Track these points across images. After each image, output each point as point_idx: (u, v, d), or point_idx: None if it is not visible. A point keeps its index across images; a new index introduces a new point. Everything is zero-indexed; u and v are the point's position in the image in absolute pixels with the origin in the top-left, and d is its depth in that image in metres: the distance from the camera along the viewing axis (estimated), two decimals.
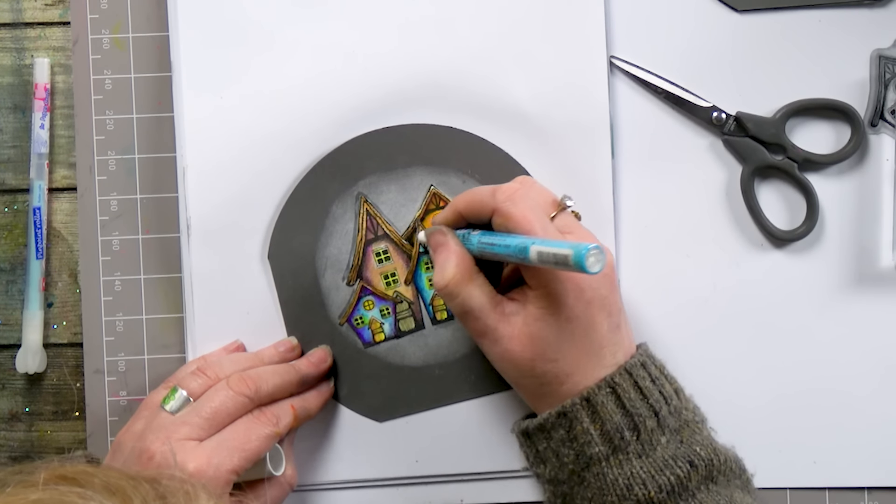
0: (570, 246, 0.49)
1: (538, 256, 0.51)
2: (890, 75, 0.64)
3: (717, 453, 0.56)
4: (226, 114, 0.64)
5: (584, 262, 0.49)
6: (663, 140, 0.65)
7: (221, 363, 0.60)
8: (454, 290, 0.57)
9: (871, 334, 0.64)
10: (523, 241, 0.53)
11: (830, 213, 0.65)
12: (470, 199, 0.58)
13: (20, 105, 0.67)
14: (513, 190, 0.57)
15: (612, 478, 0.55)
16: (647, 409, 0.55)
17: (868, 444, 0.64)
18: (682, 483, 0.54)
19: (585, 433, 0.55)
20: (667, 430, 0.56)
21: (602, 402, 0.55)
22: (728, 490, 0.56)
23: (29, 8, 0.67)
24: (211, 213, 0.64)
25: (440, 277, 0.57)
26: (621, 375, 0.56)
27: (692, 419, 0.57)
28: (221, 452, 0.54)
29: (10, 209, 0.67)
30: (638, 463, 0.55)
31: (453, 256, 0.57)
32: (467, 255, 0.58)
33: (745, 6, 0.64)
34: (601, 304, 0.55)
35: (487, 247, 0.56)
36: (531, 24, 0.64)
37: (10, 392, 0.67)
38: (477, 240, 0.57)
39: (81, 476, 0.40)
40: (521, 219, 0.55)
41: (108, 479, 0.40)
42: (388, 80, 0.64)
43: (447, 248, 0.58)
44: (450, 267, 0.57)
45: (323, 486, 0.65)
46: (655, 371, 0.57)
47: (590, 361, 0.56)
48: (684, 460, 0.55)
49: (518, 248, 0.53)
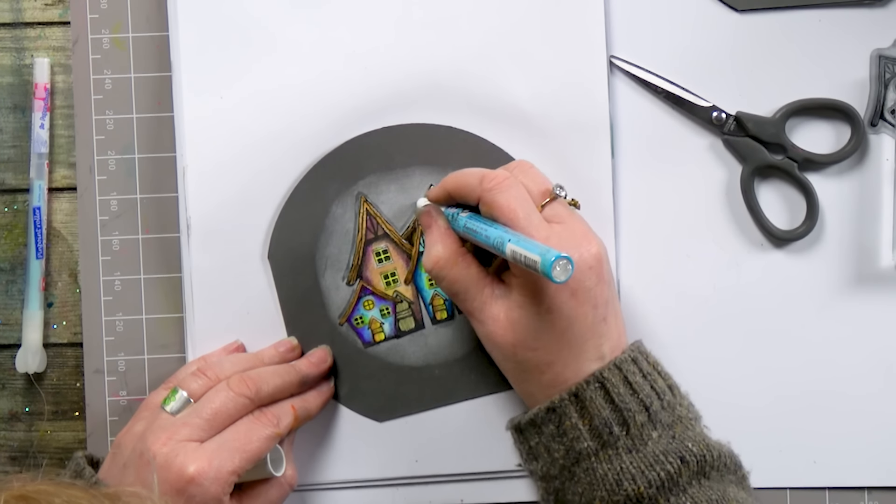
0: (540, 252, 0.50)
1: (512, 255, 0.53)
2: (890, 75, 0.64)
3: (710, 449, 0.56)
4: (226, 114, 0.64)
5: (549, 271, 0.50)
6: (663, 140, 0.65)
7: (222, 364, 0.60)
8: (440, 272, 0.58)
9: (870, 334, 0.64)
10: (501, 236, 0.54)
11: (830, 213, 0.65)
12: (458, 181, 0.59)
13: (20, 105, 0.67)
14: (501, 178, 0.56)
15: (602, 473, 0.55)
16: (636, 405, 0.55)
17: (868, 444, 0.64)
18: (672, 478, 0.54)
19: (574, 428, 0.55)
20: (658, 426, 0.56)
21: (590, 398, 0.55)
22: (721, 485, 0.56)
23: (29, 8, 0.67)
24: (211, 212, 0.64)
25: (427, 258, 0.59)
26: (610, 370, 0.56)
27: (685, 415, 0.57)
28: (222, 454, 0.54)
29: (10, 209, 0.67)
30: (628, 458, 0.55)
31: (439, 239, 0.59)
32: (454, 237, 0.59)
33: (745, 6, 0.64)
34: (586, 295, 0.55)
35: (471, 233, 0.57)
36: (531, 24, 0.64)
37: (10, 392, 0.67)
38: (464, 223, 0.58)
39: (43, 496, 0.40)
40: (505, 209, 0.55)
41: (71, 498, 0.40)
42: (388, 80, 0.64)
43: (434, 229, 0.59)
44: (437, 249, 0.58)
45: (323, 486, 0.65)
46: (647, 367, 0.57)
47: (571, 352, 0.56)
48: (675, 456, 0.55)
49: (496, 242, 0.54)
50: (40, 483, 0.42)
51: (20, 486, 0.41)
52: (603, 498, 0.55)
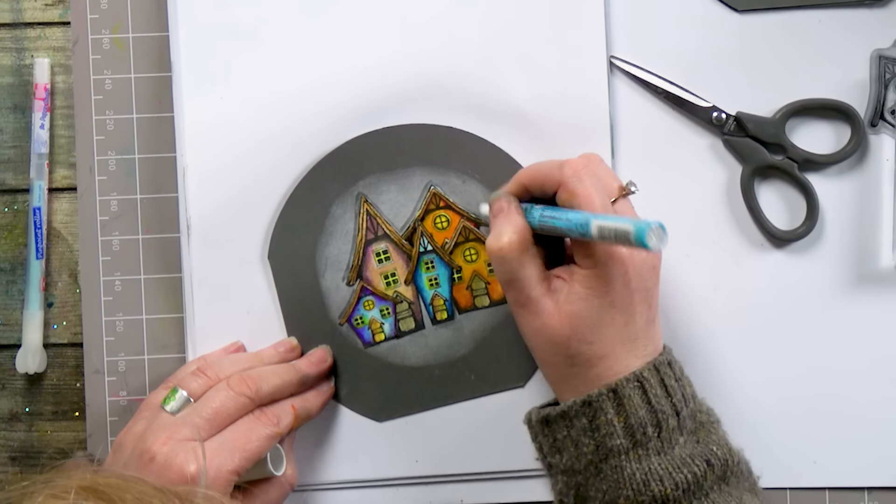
0: (632, 222, 0.50)
1: (598, 231, 0.52)
2: (890, 75, 0.64)
3: (732, 454, 0.56)
4: (226, 114, 0.64)
5: (644, 237, 0.49)
6: (663, 140, 0.65)
7: (221, 363, 0.60)
8: (507, 255, 0.56)
9: (871, 335, 0.64)
10: (585, 216, 0.53)
11: (830, 213, 0.65)
12: (535, 171, 0.59)
13: (20, 105, 0.67)
14: (581, 165, 0.56)
15: (630, 472, 0.55)
16: (670, 408, 0.55)
17: (868, 445, 0.64)
18: (697, 482, 0.54)
19: (609, 424, 0.55)
20: (685, 431, 0.56)
21: (629, 395, 0.55)
22: (738, 492, 0.56)
23: (29, 8, 0.67)
24: (211, 213, 0.64)
25: (495, 241, 0.57)
26: (650, 371, 0.56)
27: (707, 420, 0.58)
28: (222, 453, 0.54)
29: (10, 209, 0.67)
30: (656, 459, 0.55)
31: (512, 223, 0.57)
32: (526, 226, 0.57)
33: (745, 6, 0.64)
34: (644, 295, 0.56)
35: (549, 220, 0.56)
36: (531, 25, 0.64)
37: (10, 392, 0.67)
38: (539, 213, 0.57)
39: (114, 492, 0.40)
40: (585, 196, 0.55)
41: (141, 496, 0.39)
42: (389, 81, 0.64)
43: (507, 214, 0.58)
44: (508, 232, 0.57)
45: (323, 486, 0.65)
46: (679, 371, 0.57)
47: (624, 348, 0.56)
48: (701, 459, 0.55)
49: (579, 222, 0.53)
50: (107, 474, 0.41)
51: (91, 478, 0.40)
52: (629, 497, 0.55)
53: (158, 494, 0.40)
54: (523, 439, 0.60)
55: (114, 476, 0.41)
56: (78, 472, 0.41)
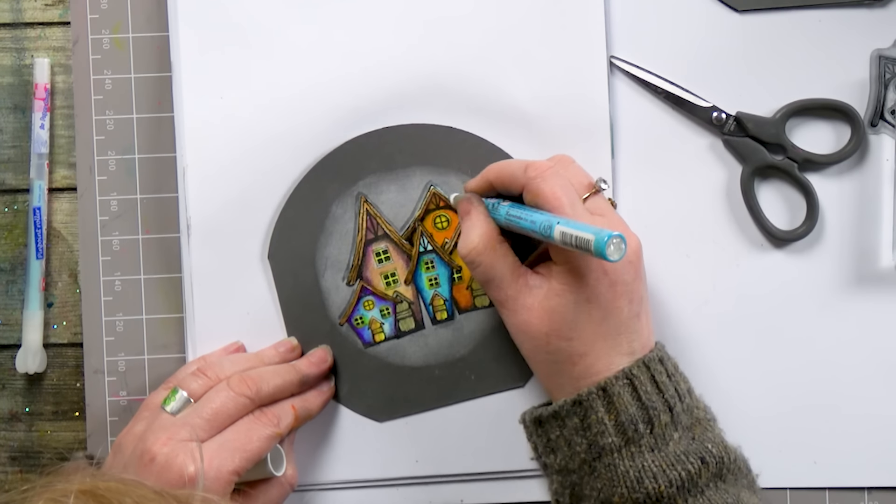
0: (593, 231, 0.50)
1: (561, 237, 0.52)
2: (890, 75, 0.64)
3: (728, 451, 0.56)
4: (226, 114, 0.64)
5: (603, 249, 0.49)
6: (663, 140, 0.65)
7: (222, 364, 0.60)
8: (476, 258, 0.58)
9: (871, 334, 0.64)
10: (549, 219, 0.53)
11: (830, 213, 0.65)
12: (501, 170, 0.59)
13: (20, 105, 0.67)
14: (545, 167, 0.57)
15: (624, 469, 0.55)
16: (662, 404, 0.55)
17: (868, 445, 0.64)
18: (692, 479, 0.54)
19: (599, 423, 0.55)
20: (679, 427, 0.56)
21: (618, 393, 0.55)
22: (735, 489, 0.56)
23: (29, 8, 0.67)
24: (211, 213, 0.64)
25: (463, 245, 0.58)
26: (639, 368, 0.56)
27: (703, 417, 0.58)
28: (223, 453, 0.54)
29: (10, 209, 0.67)
30: (650, 456, 0.55)
31: (478, 225, 0.58)
32: (492, 225, 0.58)
33: (745, 6, 0.64)
34: (624, 289, 0.55)
35: (514, 220, 0.57)
36: (531, 25, 0.64)
37: (10, 392, 0.67)
38: (505, 211, 0.57)
39: (113, 495, 0.39)
40: (550, 196, 0.55)
41: (141, 499, 0.39)
42: (389, 81, 0.64)
43: (472, 216, 0.59)
44: (474, 235, 0.58)
45: (323, 486, 0.65)
46: (671, 367, 0.57)
47: (605, 345, 0.56)
48: (696, 456, 0.55)
49: (543, 225, 0.53)
50: (106, 478, 0.41)
51: (91, 481, 0.40)
52: (623, 495, 0.55)
53: (158, 498, 0.40)
54: (523, 439, 0.60)
55: (113, 480, 0.41)
56: (77, 476, 0.41)
